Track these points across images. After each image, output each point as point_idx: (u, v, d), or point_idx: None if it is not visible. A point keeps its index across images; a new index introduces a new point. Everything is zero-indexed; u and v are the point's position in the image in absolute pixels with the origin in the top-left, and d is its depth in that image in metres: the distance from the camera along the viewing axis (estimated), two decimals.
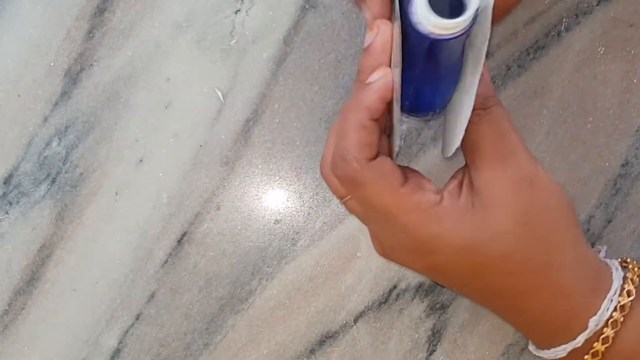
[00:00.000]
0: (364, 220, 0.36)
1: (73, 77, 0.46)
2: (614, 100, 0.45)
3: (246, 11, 0.46)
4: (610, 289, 0.34)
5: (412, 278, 0.46)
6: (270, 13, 0.46)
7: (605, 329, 0.33)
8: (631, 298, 0.33)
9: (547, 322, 0.35)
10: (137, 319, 0.46)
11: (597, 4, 0.45)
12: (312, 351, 0.46)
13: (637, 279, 0.34)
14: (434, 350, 0.45)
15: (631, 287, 0.34)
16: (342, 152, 0.33)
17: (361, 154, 0.32)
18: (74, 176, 0.46)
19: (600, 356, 0.34)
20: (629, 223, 0.45)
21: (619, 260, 0.37)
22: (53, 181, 0.46)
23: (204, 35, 0.47)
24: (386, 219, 0.33)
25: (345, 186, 0.34)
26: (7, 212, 0.46)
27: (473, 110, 0.32)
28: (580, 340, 0.34)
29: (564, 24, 0.45)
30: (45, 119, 0.46)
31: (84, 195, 0.46)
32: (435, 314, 0.45)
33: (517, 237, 0.33)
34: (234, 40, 0.47)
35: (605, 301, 0.33)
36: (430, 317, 0.45)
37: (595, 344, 0.34)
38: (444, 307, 0.45)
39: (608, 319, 0.33)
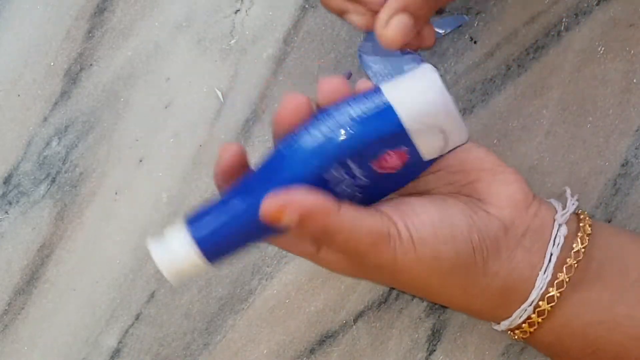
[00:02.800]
0: None
1: (73, 77, 0.46)
2: (614, 100, 0.45)
3: (246, 11, 0.46)
4: (526, 300, 0.35)
5: None
6: (270, 13, 0.46)
7: (523, 325, 0.36)
8: (551, 304, 0.35)
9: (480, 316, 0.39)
10: (137, 318, 0.46)
11: (597, 4, 0.45)
12: (312, 351, 0.46)
13: (576, 263, 0.35)
14: (434, 350, 0.45)
15: (555, 292, 0.35)
16: None
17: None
18: (73, 176, 0.46)
19: (527, 335, 0.37)
20: (629, 223, 0.45)
21: (576, 212, 0.38)
22: (53, 181, 0.46)
23: (204, 35, 0.47)
24: (341, 239, 0.36)
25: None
26: (7, 212, 0.46)
27: None
28: (498, 328, 0.38)
29: (563, 23, 0.45)
30: (45, 119, 0.46)
31: (83, 195, 0.46)
32: (435, 313, 0.45)
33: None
34: (234, 40, 0.47)
35: (518, 311, 0.35)
36: (430, 316, 0.45)
37: (516, 331, 0.37)
38: (443, 307, 0.45)
39: (526, 320, 0.36)
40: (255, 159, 0.46)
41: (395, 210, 0.34)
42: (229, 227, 0.34)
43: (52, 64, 0.46)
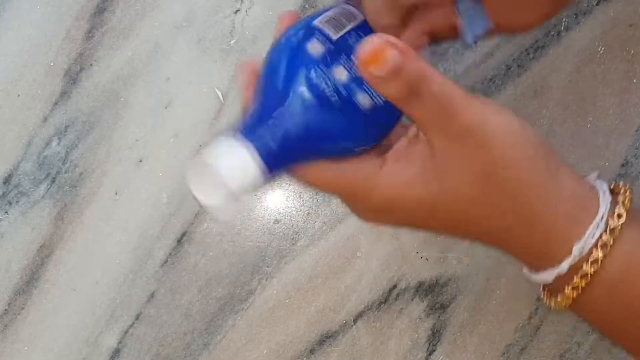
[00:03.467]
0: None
1: (73, 77, 0.46)
2: (614, 100, 0.45)
3: (246, 11, 0.46)
4: (596, 215, 0.33)
5: (411, 278, 0.45)
6: (270, 13, 0.46)
7: (594, 251, 0.33)
8: (621, 221, 0.33)
9: (530, 253, 0.36)
10: (137, 319, 0.46)
11: (597, 4, 0.45)
12: (311, 351, 0.46)
13: (629, 202, 0.34)
14: (434, 350, 0.45)
15: (622, 210, 0.33)
16: None
17: None
18: (73, 176, 0.46)
19: (589, 278, 0.34)
20: None
21: (611, 186, 0.37)
22: (53, 181, 0.46)
23: (204, 35, 0.47)
24: (336, 196, 0.35)
25: (294, 178, 0.36)
26: (6, 212, 0.46)
27: None
28: (564, 266, 0.34)
29: (563, 23, 0.45)
30: (45, 119, 0.46)
31: (83, 195, 0.46)
32: (435, 313, 0.45)
33: (479, 190, 0.33)
34: (234, 40, 0.47)
35: (591, 227, 0.33)
36: (430, 317, 0.45)
37: (584, 266, 0.34)
38: (443, 307, 0.45)
39: (597, 242, 0.33)
40: None
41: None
42: (276, 127, 0.32)
43: (52, 64, 0.46)
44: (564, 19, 0.45)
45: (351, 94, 0.33)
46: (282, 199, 0.46)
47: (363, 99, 0.33)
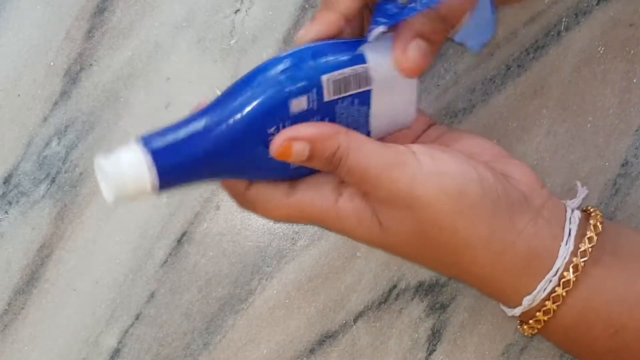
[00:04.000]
0: None
1: (73, 76, 0.46)
2: (614, 100, 0.45)
3: (246, 11, 0.46)
4: (550, 269, 0.34)
5: (411, 278, 0.45)
6: (270, 13, 0.46)
7: (547, 302, 0.34)
8: (577, 273, 0.34)
9: (486, 294, 0.37)
10: (136, 318, 0.46)
11: (597, 4, 0.45)
12: (311, 351, 0.46)
13: (596, 236, 0.35)
14: (434, 350, 0.45)
15: (579, 261, 0.34)
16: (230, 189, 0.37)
17: (240, 186, 0.35)
18: (73, 176, 0.46)
19: (542, 324, 0.35)
20: (629, 223, 0.45)
21: (584, 208, 0.37)
22: (53, 181, 0.46)
23: (204, 35, 0.47)
24: (295, 222, 0.37)
25: (249, 210, 0.37)
26: (6, 212, 0.46)
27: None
28: (517, 312, 0.35)
29: (563, 23, 0.45)
30: (45, 119, 0.46)
31: (83, 195, 0.46)
32: (435, 313, 0.45)
33: (416, 245, 0.35)
34: (234, 40, 0.47)
35: (542, 282, 0.34)
36: (430, 316, 0.45)
37: (537, 314, 0.35)
38: (443, 307, 0.45)
39: (549, 295, 0.34)
40: None
41: (415, 145, 0.34)
42: (189, 144, 0.32)
43: (52, 64, 0.46)
44: (564, 19, 0.46)
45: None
46: None
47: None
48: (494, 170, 0.35)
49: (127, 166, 0.31)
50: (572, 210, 0.36)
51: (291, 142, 0.32)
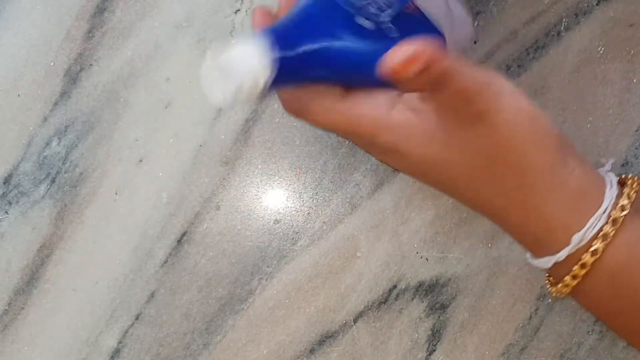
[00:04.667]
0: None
1: (73, 77, 0.46)
2: (614, 100, 0.45)
3: (246, 11, 0.46)
4: (599, 207, 0.34)
5: (411, 278, 0.45)
6: None
7: (595, 242, 0.34)
8: (625, 212, 0.34)
9: (528, 237, 0.36)
10: (136, 319, 0.46)
11: (597, 4, 0.45)
12: (311, 351, 0.46)
13: (634, 194, 0.35)
14: (434, 350, 0.45)
15: (625, 202, 0.34)
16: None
17: (290, 93, 0.34)
18: (73, 176, 0.46)
19: (588, 267, 0.34)
20: None
21: (619, 177, 0.37)
22: (53, 181, 0.46)
23: (204, 35, 0.47)
24: (341, 132, 0.35)
25: (297, 115, 0.35)
26: (6, 212, 0.46)
27: None
28: (562, 254, 0.34)
29: (563, 23, 0.45)
30: (45, 119, 0.46)
31: (83, 195, 0.46)
32: (435, 313, 0.45)
33: (480, 165, 0.34)
34: (234, 40, 0.46)
35: (593, 218, 0.34)
36: (430, 317, 0.45)
37: (584, 256, 0.34)
38: (443, 307, 0.45)
39: (597, 233, 0.34)
40: (255, 158, 0.46)
41: (491, 69, 0.34)
42: (311, 41, 0.31)
43: (52, 64, 0.46)
44: (564, 19, 0.45)
45: (385, 29, 0.33)
46: (282, 199, 0.46)
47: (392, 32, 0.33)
48: None
49: (248, 58, 0.30)
50: (606, 172, 0.36)
51: (413, 60, 0.30)
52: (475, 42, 0.46)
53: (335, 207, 0.46)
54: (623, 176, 0.37)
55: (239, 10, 0.47)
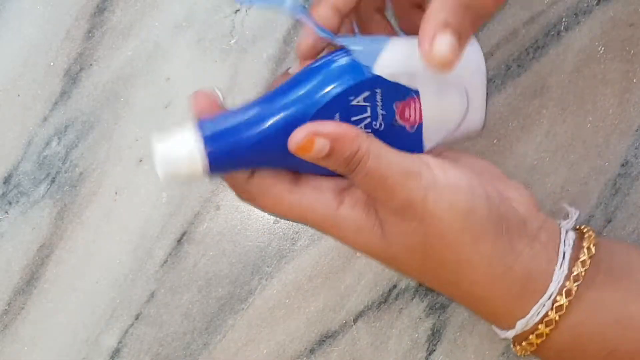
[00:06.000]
0: None
1: (73, 76, 0.46)
2: (614, 100, 0.45)
3: (246, 11, 0.46)
4: (544, 294, 0.34)
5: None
6: (270, 13, 0.46)
7: (540, 326, 0.34)
8: (570, 297, 0.34)
9: (480, 316, 0.37)
10: (136, 318, 0.46)
11: (597, 4, 0.45)
12: (311, 351, 0.46)
13: (594, 246, 0.35)
14: (434, 350, 0.45)
15: (572, 286, 0.34)
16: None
17: (240, 177, 0.35)
18: (73, 176, 0.46)
19: (535, 347, 0.35)
20: (629, 223, 0.45)
21: (579, 227, 0.37)
22: (52, 181, 0.46)
23: (203, 35, 0.47)
24: (298, 222, 0.36)
25: (249, 203, 0.36)
26: (6, 212, 0.46)
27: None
28: (509, 335, 0.35)
29: (563, 23, 0.45)
30: (45, 119, 0.46)
31: (83, 195, 0.46)
32: (435, 313, 0.45)
33: (418, 261, 0.34)
34: (234, 40, 0.47)
35: (537, 306, 0.34)
36: (429, 316, 0.45)
37: (530, 337, 0.35)
38: (443, 307, 0.45)
39: (542, 319, 0.34)
40: None
41: (428, 156, 0.34)
42: (242, 132, 0.33)
43: (52, 64, 0.46)
44: (564, 19, 0.46)
45: None
46: None
47: None
48: (497, 190, 0.35)
49: (180, 150, 0.32)
50: (567, 232, 0.36)
51: (314, 136, 0.32)
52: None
53: None
54: (582, 227, 0.37)
55: (238, 10, 0.47)
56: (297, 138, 0.32)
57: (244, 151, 0.33)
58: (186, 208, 0.46)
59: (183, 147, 0.32)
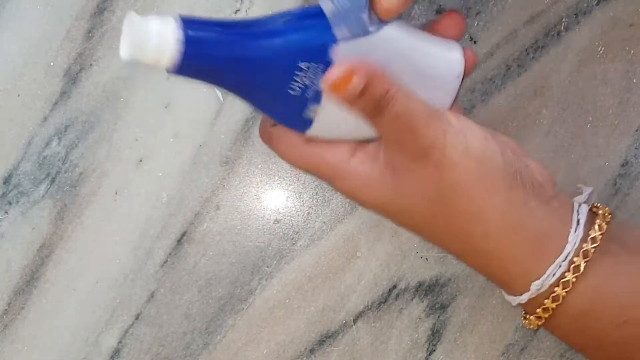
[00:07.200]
0: None
1: (72, 76, 0.46)
2: (614, 100, 0.45)
3: (246, 11, 0.46)
4: (560, 254, 0.33)
5: (411, 278, 0.45)
6: (270, 13, 0.46)
7: (556, 289, 0.33)
8: (587, 259, 0.33)
9: (493, 278, 0.36)
10: (136, 318, 0.46)
11: (597, 4, 0.45)
12: (311, 351, 0.46)
13: (606, 225, 0.34)
14: (434, 350, 0.45)
15: (589, 247, 0.33)
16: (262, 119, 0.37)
17: (267, 120, 0.35)
18: (73, 176, 0.46)
19: (550, 312, 0.34)
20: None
21: (591, 206, 0.36)
22: (52, 181, 0.46)
23: None
24: (303, 170, 0.36)
25: (267, 144, 0.37)
26: (6, 212, 0.46)
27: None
28: (524, 298, 0.34)
29: (563, 23, 0.45)
30: (45, 119, 0.46)
31: (83, 195, 0.46)
32: (435, 313, 0.45)
33: (431, 210, 0.34)
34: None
35: (553, 266, 0.33)
36: (429, 316, 0.45)
37: (545, 301, 0.34)
38: (443, 307, 0.45)
39: (558, 281, 0.33)
40: (255, 158, 0.46)
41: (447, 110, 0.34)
42: (222, 43, 0.32)
43: (52, 63, 0.46)
44: (564, 19, 0.46)
45: (305, 104, 0.33)
46: (282, 199, 0.46)
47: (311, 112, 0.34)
48: (516, 154, 0.34)
49: (155, 31, 0.31)
50: (580, 204, 0.36)
51: (352, 73, 0.31)
52: (475, 42, 0.46)
53: (335, 207, 0.46)
54: (597, 204, 0.36)
55: (238, 10, 0.47)
56: (334, 73, 0.31)
57: (217, 60, 0.32)
58: (186, 208, 0.46)
59: (159, 29, 0.31)
